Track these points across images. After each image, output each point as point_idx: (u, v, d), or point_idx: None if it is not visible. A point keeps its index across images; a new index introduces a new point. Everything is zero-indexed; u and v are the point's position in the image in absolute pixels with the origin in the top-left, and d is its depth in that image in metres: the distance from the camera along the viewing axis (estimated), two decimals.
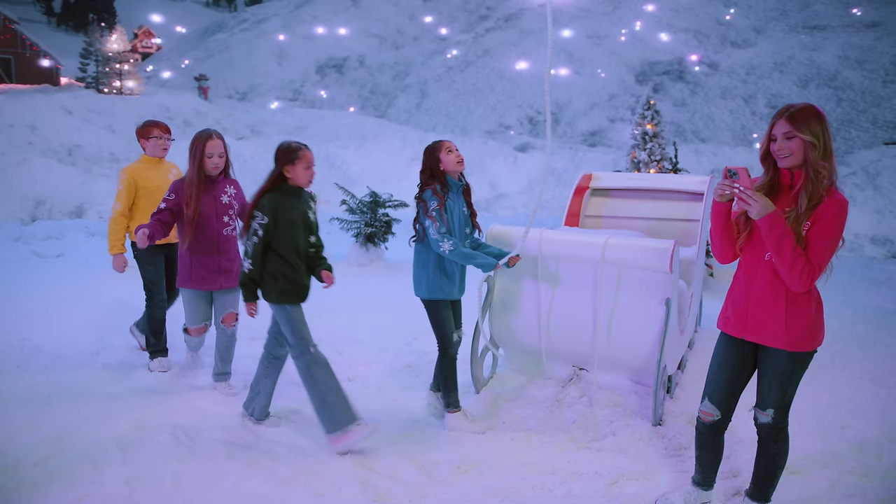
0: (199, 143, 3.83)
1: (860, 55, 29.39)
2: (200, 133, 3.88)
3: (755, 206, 2.38)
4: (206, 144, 3.82)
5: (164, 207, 3.82)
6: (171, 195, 3.84)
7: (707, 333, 5.35)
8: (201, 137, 3.85)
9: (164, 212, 3.81)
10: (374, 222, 7.37)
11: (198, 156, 3.81)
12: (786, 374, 2.59)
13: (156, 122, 4.61)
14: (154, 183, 4.45)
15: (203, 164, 3.83)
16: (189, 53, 42.20)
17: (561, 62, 35.56)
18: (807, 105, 2.45)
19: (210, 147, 3.83)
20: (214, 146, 3.85)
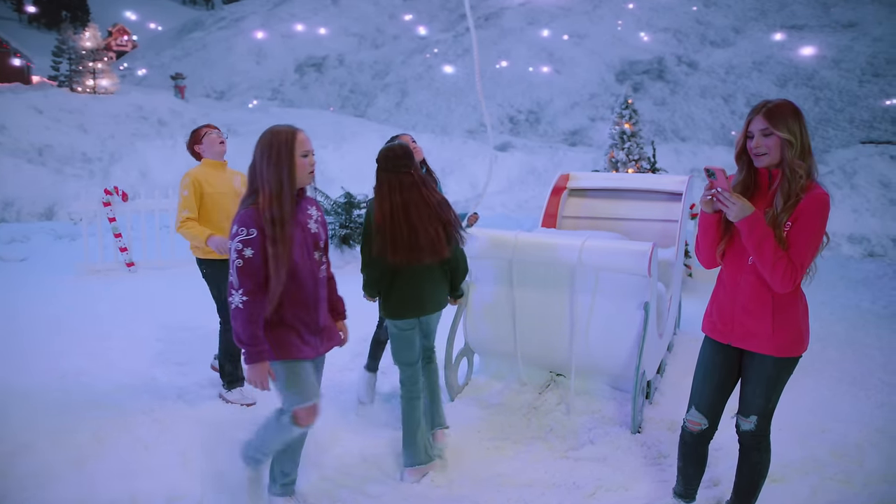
0: (281, 139, 2.49)
1: (837, 55, 29.79)
2: (276, 128, 2.54)
3: (733, 209, 2.29)
4: (296, 139, 2.50)
5: (251, 255, 2.40)
6: (251, 230, 2.41)
7: (687, 336, 5.27)
8: (281, 132, 2.51)
9: (249, 261, 2.41)
10: (349, 223, 7.21)
11: (285, 158, 2.46)
12: (771, 380, 2.50)
13: (205, 125, 4.06)
14: (218, 190, 3.87)
15: (294, 170, 2.49)
16: (165, 52, 41.57)
17: (541, 61, 35.59)
18: (783, 101, 2.36)
19: (301, 143, 2.52)
20: (305, 142, 2.55)
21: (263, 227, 2.40)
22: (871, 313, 6.39)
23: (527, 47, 36.67)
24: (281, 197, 2.42)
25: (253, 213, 2.41)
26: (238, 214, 2.45)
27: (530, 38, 37.58)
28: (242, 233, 2.40)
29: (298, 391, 2.59)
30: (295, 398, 2.59)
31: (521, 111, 33.40)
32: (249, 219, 2.41)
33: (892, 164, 11.86)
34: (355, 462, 3.38)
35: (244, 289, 2.40)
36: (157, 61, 39.88)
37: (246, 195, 2.51)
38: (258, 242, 2.40)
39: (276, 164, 2.45)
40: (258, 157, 2.48)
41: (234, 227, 2.42)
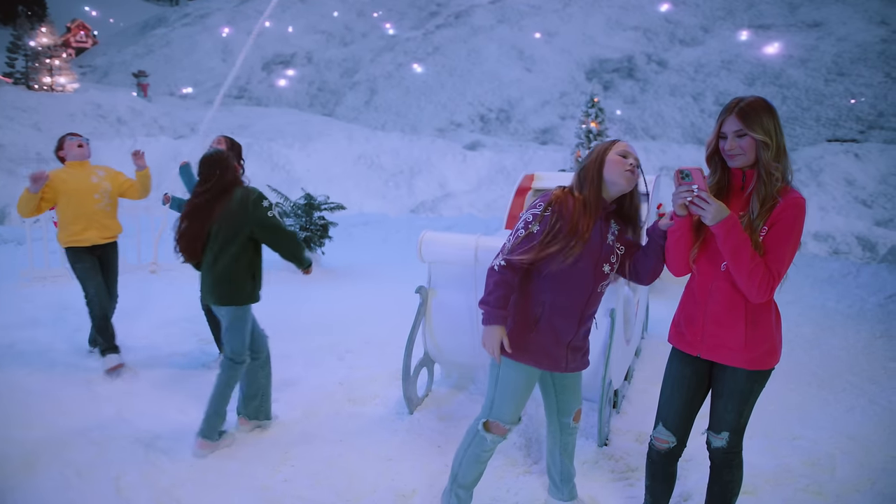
0: (607, 144, 2.45)
1: (803, 54, 30.36)
2: (608, 140, 2.54)
3: (709, 211, 2.12)
4: (617, 142, 2.45)
5: (531, 238, 2.31)
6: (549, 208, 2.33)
7: (654, 339, 5.15)
8: (609, 141, 2.49)
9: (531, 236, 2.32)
10: (310, 226, 6.95)
11: (600, 155, 2.41)
12: (744, 395, 2.35)
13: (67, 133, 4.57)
14: (72, 187, 4.36)
15: (607, 166, 2.39)
16: (127, 48, 40.51)
17: (512, 59, 35.58)
18: (757, 99, 2.21)
19: (621, 144, 2.44)
20: (626, 144, 2.45)
21: (563, 214, 2.32)
22: (837, 313, 6.36)
23: (497, 45, 36.64)
24: (596, 200, 2.39)
25: (560, 196, 2.36)
26: (547, 193, 2.41)
27: (501, 36, 37.56)
28: (539, 206, 2.34)
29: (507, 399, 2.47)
30: (500, 407, 2.48)
31: (491, 109, 33.37)
32: (555, 199, 2.35)
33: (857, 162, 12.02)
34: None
35: (511, 254, 2.30)
36: (119, 58, 38.86)
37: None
38: (549, 224, 2.30)
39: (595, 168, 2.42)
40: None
41: (538, 200, 2.39)
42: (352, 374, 4.50)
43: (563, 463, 2.69)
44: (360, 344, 5.03)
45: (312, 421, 3.80)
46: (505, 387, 2.43)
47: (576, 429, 2.68)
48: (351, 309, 5.91)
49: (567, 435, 2.67)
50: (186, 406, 3.86)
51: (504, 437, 2.52)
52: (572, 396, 2.61)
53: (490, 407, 2.48)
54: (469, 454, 2.54)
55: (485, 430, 2.49)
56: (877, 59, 28.97)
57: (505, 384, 2.43)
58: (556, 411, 2.62)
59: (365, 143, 16.42)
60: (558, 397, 2.60)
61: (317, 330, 5.38)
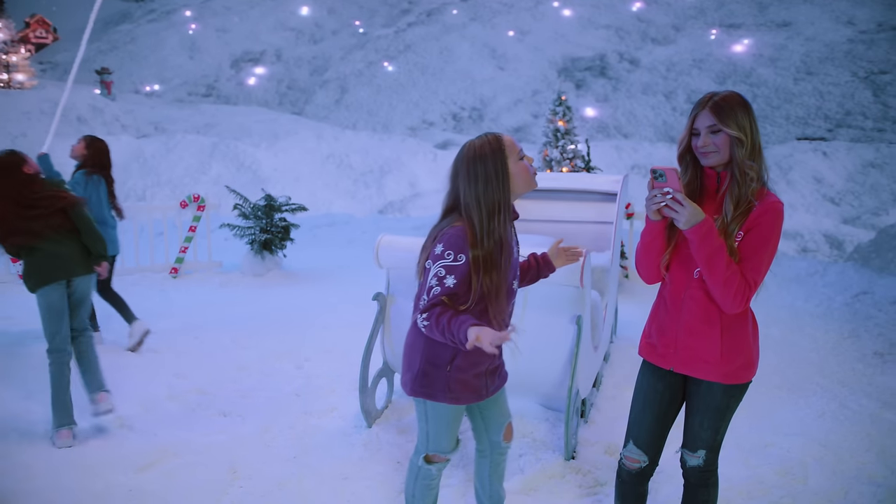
0: (493, 146, 2.08)
1: (773, 53, 30.82)
2: (486, 137, 2.12)
3: (683, 214, 1.96)
4: (504, 141, 2.12)
5: (449, 292, 2.01)
6: (459, 255, 2.02)
7: (624, 343, 5.02)
8: (492, 141, 2.10)
9: (454, 294, 2.02)
10: (271, 228, 6.70)
11: (501, 167, 2.08)
12: (720, 410, 2.20)
13: None
14: None
15: (514, 180, 2.11)
16: (90, 45, 39.47)
17: (484, 58, 35.50)
18: (731, 93, 2.06)
19: (512, 143, 2.13)
20: (515, 142, 2.17)
21: (476, 253, 2.04)
22: (805, 312, 6.32)
23: (470, 44, 36.53)
24: (506, 226, 2.10)
25: (467, 233, 2.04)
26: (447, 231, 2.06)
27: (473, 34, 37.46)
28: (449, 255, 2.03)
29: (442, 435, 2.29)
30: (438, 442, 2.30)
31: (464, 108, 33.24)
32: (463, 240, 2.03)
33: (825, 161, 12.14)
34: None
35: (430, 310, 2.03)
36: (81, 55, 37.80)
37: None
38: (464, 272, 2.03)
39: (488, 178, 2.08)
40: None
41: (442, 246, 2.04)
42: (309, 383, 4.29)
43: (493, 486, 2.51)
44: (319, 352, 4.82)
45: (265, 436, 3.59)
46: (436, 421, 2.26)
47: (507, 448, 2.49)
48: (312, 314, 5.69)
49: (498, 454, 2.48)
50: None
51: (448, 461, 2.36)
52: (499, 412, 2.43)
53: (426, 441, 2.30)
54: (419, 486, 2.36)
55: (427, 463, 2.32)
56: (843, 59, 29.55)
57: (435, 419, 2.26)
58: (484, 431, 2.44)
59: (334, 143, 16.12)
60: (485, 417, 2.42)
61: (275, 337, 5.15)
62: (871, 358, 5.03)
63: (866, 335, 5.56)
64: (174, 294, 6.35)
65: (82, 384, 3.61)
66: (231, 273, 6.93)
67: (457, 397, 2.20)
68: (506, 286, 2.16)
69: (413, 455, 2.37)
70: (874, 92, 27.62)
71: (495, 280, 2.07)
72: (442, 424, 2.26)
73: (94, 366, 3.64)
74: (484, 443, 2.45)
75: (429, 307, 2.01)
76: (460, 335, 1.93)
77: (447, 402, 2.19)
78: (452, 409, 2.24)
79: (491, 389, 2.30)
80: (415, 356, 2.21)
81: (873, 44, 29.98)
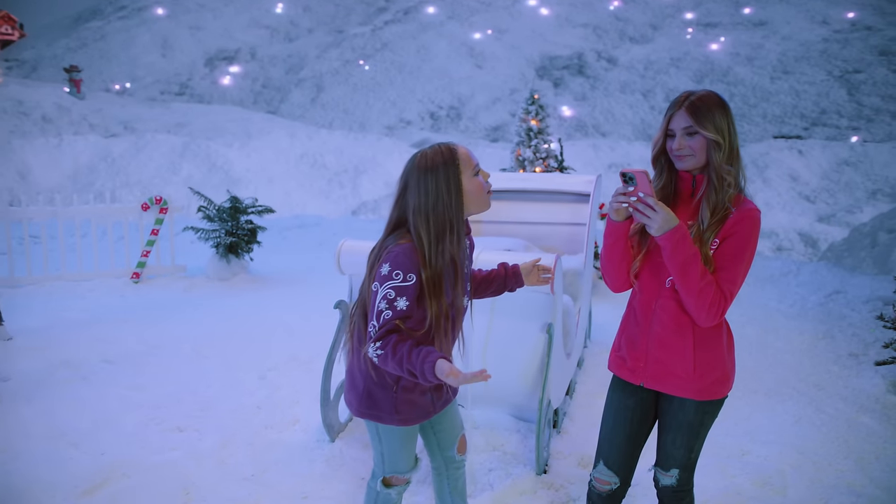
0: (446, 158, 1.89)
1: (750, 52, 31.13)
2: (439, 147, 1.93)
3: (656, 220, 1.83)
4: (459, 154, 1.92)
5: (401, 315, 1.83)
6: (409, 274, 1.84)
7: (598, 347, 4.92)
8: (444, 152, 1.91)
9: (406, 318, 1.85)
10: (237, 230, 6.48)
11: (454, 182, 1.89)
12: (693, 428, 2.08)
13: None
14: None
15: (467, 198, 1.93)
16: (58, 42, 38.50)
17: (462, 56, 35.39)
18: (709, 93, 1.94)
19: (467, 157, 1.94)
20: (471, 155, 1.97)
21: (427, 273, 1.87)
22: (779, 313, 6.27)
23: (447, 42, 36.39)
24: (460, 246, 1.93)
25: (417, 252, 1.86)
26: (393, 250, 1.87)
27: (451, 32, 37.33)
28: (398, 275, 1.84)
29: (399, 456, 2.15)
30: (395, 463, 2.15)
31: (441, 107, 33.11)
32: (413, 259, 1.85)
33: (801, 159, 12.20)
34: None
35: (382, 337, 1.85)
36: (49, 52, 36.89)
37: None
38: (415, 292, 1.86)
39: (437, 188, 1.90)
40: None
41: (389, 266, 1.85)
42: (273, 395, 4.10)
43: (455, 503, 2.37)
44: (284, 360, 4.64)
45: (222, 453, 3.40)
46: (390, 442, 2.11)
47: (463, 461, 2.34)
48: (277, 321, 5.50)
49: (454, 469, 2.32)
50: None
51: (408, 483, 2.20)
52: (451, 425, 2.27)
53: (382, 463, 2.15)
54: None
55: (385, 487, 2.16)
56: (819, 58, 29.95)
57: (389, 440, 2.11)
58: (437, 447, 2.29)
59: (308, 142, 15.85)
60: (437, 432, 2.26)
61: (238, 345, 4.95)
62: (846, 359, 4.99)
63: (840, 336, 5.53)
64: (134, 300, 6.11)
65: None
66: (195, 277, 6.69)
67: (405, 419, 2.04)
68: (456, 310, 1.99)
69: (370, 479, 2.22)
70: (849, 91, 28.04)
71: (444, 305, 1.89)
72: (396, 445, 2.11)
73: None
74: (438, 459, 2.30)
75: (383, 334, 1.82)
76: (425, 369, 1.76)
77: (396, 425, 2.04)
78: (405, 429, 2.09)
79: (439, 405, 2.14)
80: (358, 374, 2.06)
81: (847, 43, 30.45)
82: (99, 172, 13.95)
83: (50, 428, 3.53)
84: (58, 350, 4.68)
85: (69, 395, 3.96)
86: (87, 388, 4.07)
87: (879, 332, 5.40)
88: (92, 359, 4.54)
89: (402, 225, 1.93)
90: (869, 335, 5.46)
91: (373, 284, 1.88)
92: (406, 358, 1.79)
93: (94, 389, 4.06)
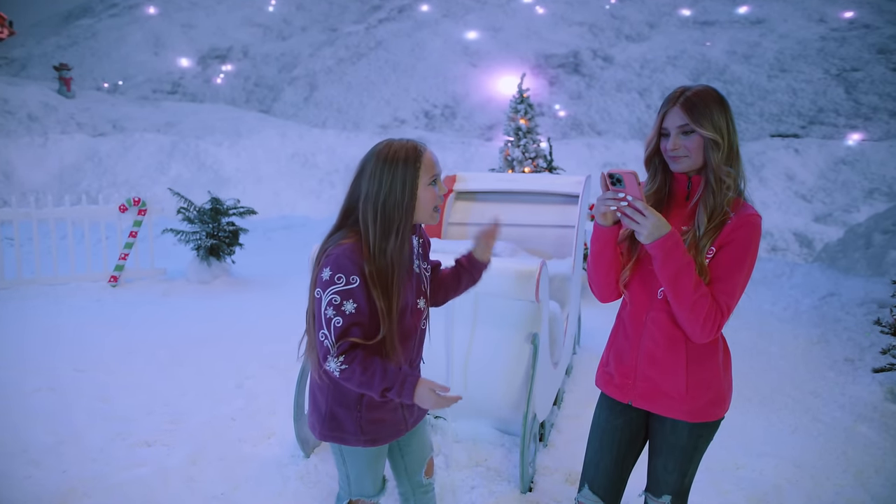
0: (409, 155, 1.75)
1: (747, 50, 31.02)
2: (406, 143, 1.78)
3: (646, 225, 1.67)
4: (423, 158, 1.77)
5: (353, 320, 1.70)
6: (352, 277, 1.70)
7: (588, 354, 4.77)
8: (409, 150, 1.76)
9: (355, 327, 1.71)
10: (218, 232, 6.31)
11: (409, 182, 1.75)
12: (687, 451, 1.93)
13: None
14: None
15: (418, 205, 1.78)
16: (48, 40, 38.13)
17: (457, 54, 35.22)
18: (705, 88, 1.78)
19: (430, 163, 1.79)
20: (435, 163, 1.82)
21: (371, 274, 1.72)
22: (773, 316, 6.14)
23: (442, 40, 36.20)
24: (402, 250, 1.78)
25: (359, 253, 1.72)
26: (333, 252, 1.73)
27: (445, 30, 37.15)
28: (341, 279, 1.70)
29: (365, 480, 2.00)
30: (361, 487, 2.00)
31: (436, 105, 32.90)
32: (354, 260, 1.71)
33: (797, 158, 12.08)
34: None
35: (339, 348, 1.72)
36: (39, 50, 36.52)
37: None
38: (364, 293, 1.72)
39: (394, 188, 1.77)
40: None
41: (330, 269, 1.70)
42: (249, 405, 3.94)
43: None
44: (263, 368, 4.47)
45: (192, 469, 3.23)
46: (355, 464, 1.95)
47: (431, 485, 2.18)
48: (258, 326, 5.33)
49: (422, 494, 2.16)
50: None
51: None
52: (420, 447, 2.11)
53: (348, 485, 1.99)
54: None
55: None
56: (816, 56, 29.87)
57: (354, 462, 1.95)
58: (404, 471, 2.13)
59: (299, 141, 15.63)
60: (405, 454, 2.10)
61: (216, 351, 4.78)
62: (842, 365, 4.86)
63: (835, 340, 5.40)
64: (111, 304, 5.93)
65: None
66: (175, 281, 6.51)
67: (373, 439, 1.88)
68: (411, 312, 1.86)
69: (336, 502, 2.06)
70: (846, 89, 27.96)
71: (394, 305, 1.74)
72: (362, 466, 1.95)
73: None
74: (405, 485, 2.15)
75: (347, 348, 1.69)
76: (404, 392, 1.68)
77: (363, 446, 1.88)
78: (371, 450, 1.93)
79: (411, 422, 1.99)
80: (320, 396, 1.89)
81: (845, 41, 30.37)
82: (85, 172, 13.72)
83: (11, 443, 3.35)
84: (27, 358, 4.50)
85: (35, 407, 3.79)
86: (54, 400, 3.89)
87: (875, 337, 5.27)
88: (62, 367, 4.37)
89: (352, 214, 1.80)
90: (864, 339, 5.33)
91: (315, 291, 1.73)
92: (380, 377, 1.67)
93: (61, 401, 3.88)
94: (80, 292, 6.15)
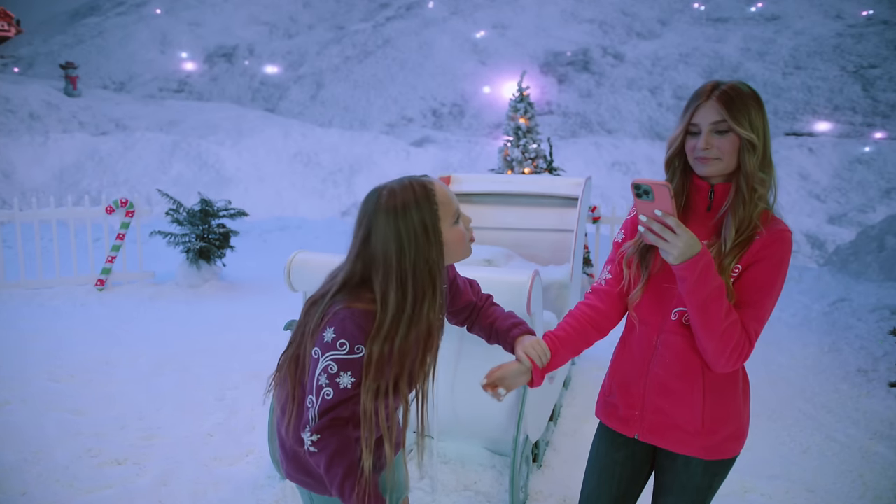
0: (419, 196, 1.45)
1: (761, 47, 30.51)
2: (409, 182, 1.47)
3: (677, 245, 1.42)
4: (437, 196, 1.48)
5: (345, 396, 1.44)
6: (357, 346, 1.42)
7: (588, 364, 4.54)
8: (417, 189, 1.46)
9: (343, 405, 1.47)
10: (209, 235, 6.12)
11: (432, 227, 1.45)
12: (701, 491, 1.69)
13: None
14: None
15: (447, 251, 1.51)
16: (55, 38, 38.16)
17: (465, 52, 34.96)
18: (741, 83, 1.54)
19: (447, 200, 1.51)
20: (451, 198, 1.53)
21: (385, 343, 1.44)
22: (781, 323, 5.89)
23: (450, 38, 35.93)
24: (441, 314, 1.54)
25: (370, 318, 1.43)
26: (339, 312, 1.43)
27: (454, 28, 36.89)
28: (344, 346, 1.41)
29: None
30: None
31: (444, 104, 32.62)
32: (363, 326, 1.42)
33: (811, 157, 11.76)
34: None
35: (322, 420, 1.47)
36: (45, 49, 36.57)
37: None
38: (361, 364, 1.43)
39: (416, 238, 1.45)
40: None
41: (332, 331, 1.42)
42: (228, 420, 3.75)
43: None
44: (246, 378, 4.29)
45: (161, 492, 3.04)
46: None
47: None
48: (245, 332, 5.15)
49: None
50: None
51: None
52: (396, 487, 1.86)
53: None
54: None
55: None
56: (832, 53, 29.33)
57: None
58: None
59: (302, 140, 15.44)
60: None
61: (200, 360, 4.60)
62: (855, 376, 4.61)
63: (847, 349, 5.15)
64: (97, 309, 5.75)
65: None
66: (164, 284, 6.33)
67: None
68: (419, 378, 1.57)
69: None
70: (863, 86, 27.42)
71: (403, 389, 1.48)
72: None
73: None
74: None
75: (326, 424, 1.43)
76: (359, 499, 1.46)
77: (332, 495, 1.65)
78: None
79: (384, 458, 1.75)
80: (284, 432, 1.67)
81: (862, 38, 29.81)
82: (86, 171, 13.60)
83: None
84: (1, 367, 4.33)
85: (3, 421, 3.62)
86: (24, 413, 3.72)
87: (889, 346, 5.03)
88: (37, 377, 4.19)
89: (367, 282, 1.47)
90: (877, 348, 5.08)
91: (313, 350, 1.46)
92: (339, 474, 1.46)
93: (31, 414, 3.71)
94: (64, 296, 5.99)
